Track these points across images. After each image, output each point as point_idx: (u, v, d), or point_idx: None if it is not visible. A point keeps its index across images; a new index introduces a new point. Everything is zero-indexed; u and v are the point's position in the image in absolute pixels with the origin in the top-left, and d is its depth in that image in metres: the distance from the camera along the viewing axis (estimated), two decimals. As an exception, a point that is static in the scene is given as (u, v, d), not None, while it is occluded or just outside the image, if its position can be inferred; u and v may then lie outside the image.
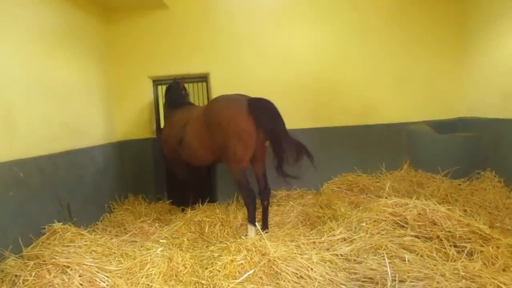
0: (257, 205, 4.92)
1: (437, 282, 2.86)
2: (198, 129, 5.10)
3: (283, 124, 4.70)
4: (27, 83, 4.28)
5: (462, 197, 5.30)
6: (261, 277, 3.38)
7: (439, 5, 6.79)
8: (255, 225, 4.64)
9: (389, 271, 3.12)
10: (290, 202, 5.76)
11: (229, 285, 3.24)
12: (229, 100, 4.91)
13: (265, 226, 4.88)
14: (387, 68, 6.82)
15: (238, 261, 3.56)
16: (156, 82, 7.17)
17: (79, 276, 3.26)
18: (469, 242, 3.51)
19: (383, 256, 3.41)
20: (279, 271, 3.35)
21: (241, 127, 4.59)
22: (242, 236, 4.49)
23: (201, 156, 5.28)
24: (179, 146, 5.53)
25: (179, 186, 6.38)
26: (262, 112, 4.63)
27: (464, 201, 5.19)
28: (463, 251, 3.42)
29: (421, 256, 3.43)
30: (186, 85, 6.67)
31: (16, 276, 3.25)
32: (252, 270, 3.43)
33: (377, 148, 6.78)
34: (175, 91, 6.32)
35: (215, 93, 6.61)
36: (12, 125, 3.93)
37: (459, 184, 5.77)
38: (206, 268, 3.65)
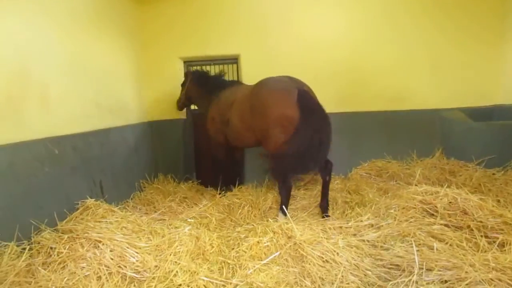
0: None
1: (466, 272, 2.80)
2: (242, 109, 5.02)
3: (329, 131, 4.54)
4: (63, 62, 4.39)
5: (496, 187, 5.14)
6: (286, 259, 3.40)
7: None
8: (285, 215, 4.46)
9: (416, 259, 3.08)
10: (318, 186, 5.71)
11: (254, 266, 3.28)
12: (278, 83, 4.73)
13: (325, 203, 4.79)
14: (421, 52, 6.62)
15: (264, 243, 3.59)
16: (187, 63, 7.22)
17: (110, 250, 3.38)
18: (501, 233, 3.42)
19: (411, 243, 3.37)
20: (304, 254, 3.36)
21: (286, 115, 4.42)
22: (270, 219, 4.49)
23: (245, 138, 5.20)
24: (226, 127, 5.51)
25: (207, 167, 6.43)
26: (311, 110, 4.45)
27: (497, 191, 5.03)
28: (494, 242, 3.34)
29: (450, 245, 3.37)
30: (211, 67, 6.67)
31: (51, 248, 3.39)
32: (278, 252, 3.46)
33: (409, 135, 6.65)
34: (214, 75, 6.26)
35: (246, 74, 6.61)
36: (47, 103, 4.05)
37: (493, 174, 5.59)
38: (233, 249, 3.71)
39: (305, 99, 4.47)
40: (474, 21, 6.52)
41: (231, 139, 5.60)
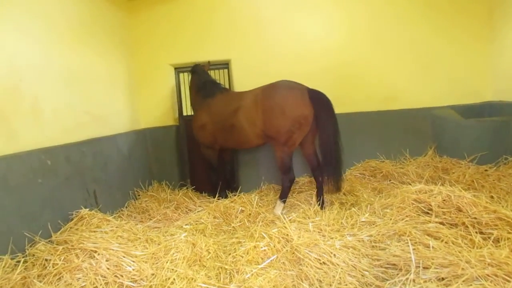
0: (310, 183, 5.58)
1: (462, 269, 2.81)
2: (252, 114, 5.24)
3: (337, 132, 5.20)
4: (53, 73, 4.37)
5: (489, 183, 5.18)
6: (283, 263, 3.40)
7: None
8: (284, 203, 5.16)
9: (413, 257, 3.09)
10: (312, 190, 5.74)
11: (252, 270, 3.27)
12: (291, 87, 5.13)
13: (321, 202, 5.26)
14: (412, 52, 6.68)
15: (261, 247, 3.59)
16: (178, 69, 7.22)
17: (106, 260, 3.35)
18: (496, 229, 3.43)
19: (407, 242, 3.37)
20: (301, 257, 3.37)
21: (304, 114, 4.93)
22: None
23: (251, 141, 5.48)
24: (227, 133, 5.65)
25: (202, 173, 6.44)
26: (323, 105, 5.03)
27: (490, 187, 5.07)
28: (489, 238, 3.35)
29: (445, 243, 3.37)
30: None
31: (46, 260, 3.35)
32: (275, 256, 3.46)
33: (401, 134, 6.69)
34: (206, 78, 6.26)
35: (237, 79, 6.62)
36: (39, 114, 4.03)
37: (486, 170, 5.63)
38: (229, 254, 3.70)
39: (317, 95, 5.06)
40: (464, 19, 6.60)
41: (234, 143, 5.78)
